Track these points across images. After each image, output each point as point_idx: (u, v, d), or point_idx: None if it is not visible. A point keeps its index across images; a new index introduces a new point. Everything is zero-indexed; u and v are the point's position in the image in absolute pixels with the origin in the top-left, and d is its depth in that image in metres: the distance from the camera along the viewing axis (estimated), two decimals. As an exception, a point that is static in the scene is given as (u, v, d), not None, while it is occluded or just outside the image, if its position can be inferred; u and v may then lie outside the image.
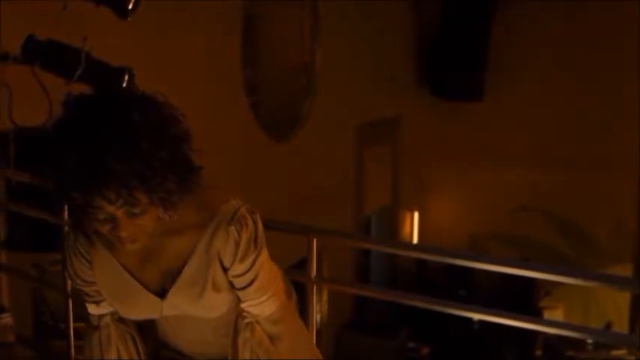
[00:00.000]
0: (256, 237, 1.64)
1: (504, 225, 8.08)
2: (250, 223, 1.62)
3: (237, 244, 1.61)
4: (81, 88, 2.51)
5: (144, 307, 1.67)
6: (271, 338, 1.70)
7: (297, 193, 5.46)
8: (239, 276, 1.64)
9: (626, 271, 7.23)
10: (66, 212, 2.37)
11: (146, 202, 1.44)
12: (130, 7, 2.41)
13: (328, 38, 5.88)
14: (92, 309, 1.74)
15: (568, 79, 7.89)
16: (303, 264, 2.35)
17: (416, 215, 8.36)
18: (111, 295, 1.68)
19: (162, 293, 1.64)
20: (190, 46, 4.27)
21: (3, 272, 2.82)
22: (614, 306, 7.24)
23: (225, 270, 1.63)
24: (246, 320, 1.69)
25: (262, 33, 5.11)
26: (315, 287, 2.34)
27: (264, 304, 1.68)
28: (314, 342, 2.12)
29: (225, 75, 4.77)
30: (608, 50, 7.62)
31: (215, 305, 1.66)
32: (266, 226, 1.69)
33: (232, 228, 1.60)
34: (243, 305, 1.68)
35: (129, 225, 1.45)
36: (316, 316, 2.39)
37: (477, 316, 2.10)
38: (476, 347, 7.00)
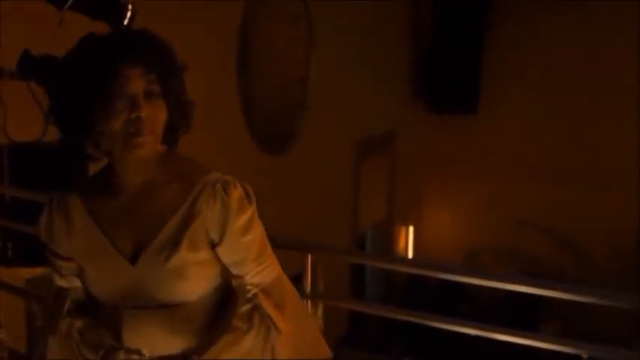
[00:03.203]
0: (247, 194, 1.56)
1: (500, 240, 8.08)
2: (238, 184, 1.56)
3: (225, 205, 1.53)
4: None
5: (114, 273, 1.58)
6: (276, 305, 1.62)
7: (292, 207, 5.45)
8: (236, 242, 1.55)
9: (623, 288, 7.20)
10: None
11: (159, 90, 1.50)
12: (126, 22, 2.42)
13: (323, 52, 5.90)
14: (58, 280, 1.71)
15: (565, 92, 7.90)
16: (297, 279, 2.34)
17: (411, 229, 8.36)
18: (83, 258, 1.62)
19: (134, 258, 1.56)
20: (185, 60, 4.27)
21: (-4, 288, 2.81)
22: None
23: (213, 246, 1.55)
24: (252, 292, 1.61)
25: (257, 48, 5.12)
26: (310, 303, 2.33)
27: (266, 270, 1.61)
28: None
29: (219, 89, 4.77)
30: (607, 61, 7.64)
31: (186, 275, 1.54)
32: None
33: (219, 186, 1.54)
34: (245, 279, 1.60)
35: (147, 106, 1.47)
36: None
37: (471, 332, 2.09)
38: (471, 362, 6.96)
